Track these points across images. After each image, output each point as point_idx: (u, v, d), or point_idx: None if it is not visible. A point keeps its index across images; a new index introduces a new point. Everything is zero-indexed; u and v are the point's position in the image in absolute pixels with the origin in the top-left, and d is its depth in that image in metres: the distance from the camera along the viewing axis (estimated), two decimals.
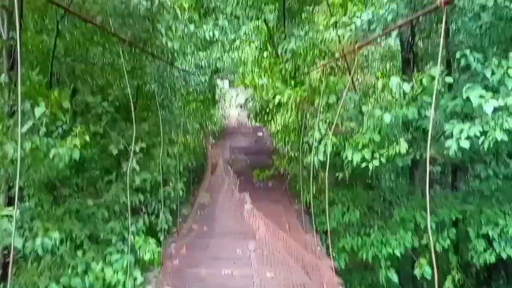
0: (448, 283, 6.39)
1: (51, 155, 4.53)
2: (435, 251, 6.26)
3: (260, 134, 16.56)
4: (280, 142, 11.97)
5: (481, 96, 4.45)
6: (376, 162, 5.53)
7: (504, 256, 5.52)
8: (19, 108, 3.14)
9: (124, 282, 4.67)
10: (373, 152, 5.62)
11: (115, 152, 6.00)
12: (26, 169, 5.44)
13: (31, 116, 4.27)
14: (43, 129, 4.50)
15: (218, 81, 14.46)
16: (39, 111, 4.20)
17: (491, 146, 4.80)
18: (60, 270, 5.08)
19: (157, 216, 6.59)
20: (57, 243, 4.12)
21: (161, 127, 6.30)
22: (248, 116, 13.41)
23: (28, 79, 4.91)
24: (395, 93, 5.26)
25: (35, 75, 5.01)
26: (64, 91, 4.79)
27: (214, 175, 10.32)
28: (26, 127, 4.25)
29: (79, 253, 5.20)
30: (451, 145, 4.73)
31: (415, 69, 6.96)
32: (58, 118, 4.70)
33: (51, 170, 5.99)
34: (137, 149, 5.70)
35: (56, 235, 4.00)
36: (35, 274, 5.24)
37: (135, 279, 4.76)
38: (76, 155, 4.66)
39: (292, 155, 9.68)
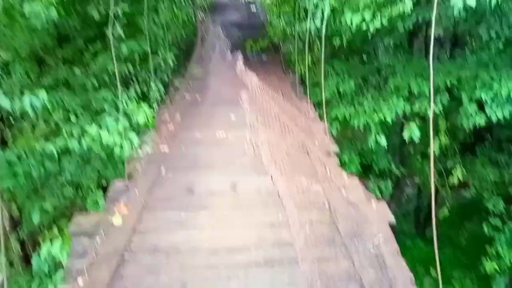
0: (435, 147, 6.70)
1: (26, 13, 4.23)
2: (425, 117, 6.42)
3: (253, 8, 15.61)
4: (274, 15, 11.33)
5: None
6: (377, 23, 5.25)
7: (494, 119, 5.63)
8: None
9: (121, 144, 4.77)
10: (374, 13, 5.31)
11: (96, 15, 5.61)
12: (3, 32, 5.14)
13: None
14: None
15: None
16: None
17: (499, 2, 4.56)
18: (56, 136, 5.17)
19: (149, 87, 6.55)
20: (47, 104, 4.06)
21: None
22: None
23: None
24: None
25: None
26: None
27: (205, 47, 9.97)
28: None
29: (73, 118, 5.22)
30: (456, 3, 4.41)
31: None
32: None
33: (31, 35, 5.67)
34: (119, 11, 5.28)
35: (44, 95, 3.92)
36: (32, 138, 5.33)
37: (131, 141, 4.85)
38: (54, 13, 4.34)
39: (287, 24, 9.22)
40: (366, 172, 8.13)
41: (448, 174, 8.03)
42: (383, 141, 6.47)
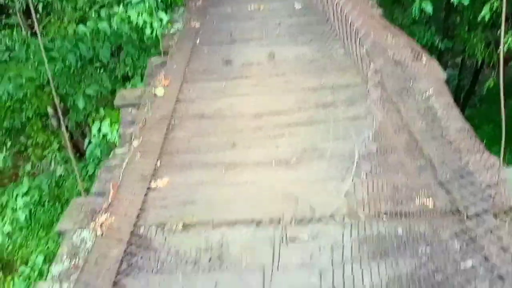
0: (485, 10, 6.09)
1: None
2: None
3: None
4: None
5: None
6: None
7: None
8: None
9: (151, 23, 4.62)
10: None
11: None
12: None
13: None
14: None
15: None
16: None
17: None
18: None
19: None
20: None
21: None
22: None
23: None
24: None
25: None
26: None
27: None
28: None
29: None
30: None
31: None
32: None
33: None
34: None
35: None
36: (61, 24, 5.25)
37: (161, 19, 4.67)
38: None
39: None
40: None
41: (497, 43, 7.45)
42: (428, 7, 5.92)
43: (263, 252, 1.96)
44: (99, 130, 4.42)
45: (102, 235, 2.03)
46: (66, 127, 7.46)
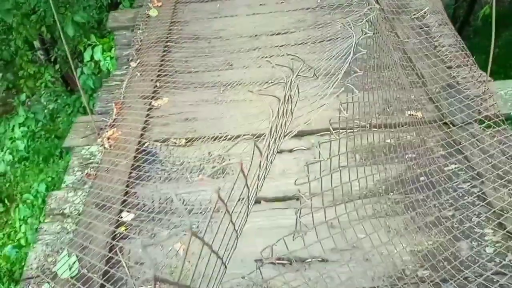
0: None
1: None
2: None
3: None
4: None
5: None
6: None
7: None
8: None
9: None
10: None
11: None
12: None
13: None
14: None
15: None
16: None
17: None
18: None
19: None
20: None
21: None
22: None
23: None
24: None
25: None
26: None
27: None
28: None
29: None
30: None
31: None
32: None
33: None
34: None
35: None
36: None
37: None
38: None
39: None
40: None
41: None
42: None
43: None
44: (92, 57, 4.37)
45: (110, 147, 2.15)
46: (55, 59, 7.31)
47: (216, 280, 0.80)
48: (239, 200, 0.89)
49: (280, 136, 1.11)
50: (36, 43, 7.86)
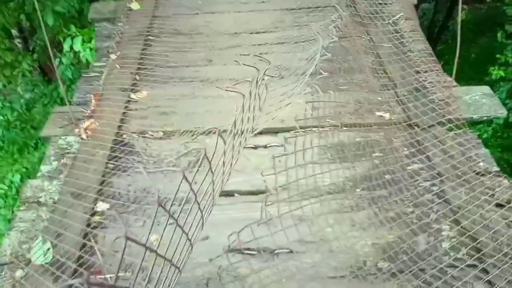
0: None
1: None
2: None
3: None
4: None
5: None
6: None
7: None
8: None
9: None
10: None
11: None
12: None
13: None
14: None
15: None
16: None
17: None
18: None
19: None
20: None
21: None
22: None
23: None
24: None
25: None
26: None
27: None
28: None
29: None
30: None
31: None
32: None
33: None
34: None
35: None
36: None
37: None
38: None
39: None
40: None
41: None
42: None
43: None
44: (71, 47, 4.34)
45: (87, 138, 2.18)
46: (33, 48, 7.18)
47: (183, 261, 0.87)
48: (206, 184, 0.96)
49: (248, 129, 1.19)
50: (14, 31, 7.69)
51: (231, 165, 1.16)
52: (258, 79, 1.22)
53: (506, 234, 1.81)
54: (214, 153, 0.92)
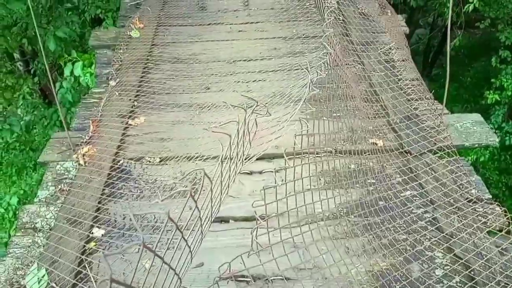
0: None
1: None
2: None
3: None
4: None
5: None
6: None
7: None
8: None
9: None
10: None
11: None
12: None
13: None
14: None
15: None
16: None
17: None
18: None
19: None
20: None
21: None
22: None
23: None
24: None
25: None
26: None
27: None
28: None
29: None
30: None
31: None
32: None
33: None
34: None
35: None
36: None
37: None
38: None
39: None
40: None
41: (464, 4, 7.68)
42: None
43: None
44: (72, 72, 4.42)
45: (85, 163, 2.21)
46: (35, 71, 7.29)
47: None
48: (193, 220, 0.99)
49: (238, 162, 1.23)
50: (16, 54, 7.83)
51: (220, 199, 1.19)
52: (246, 119, 1.26)
53: (499, 262, 1.83)
54: (200, 191, 0.95)
